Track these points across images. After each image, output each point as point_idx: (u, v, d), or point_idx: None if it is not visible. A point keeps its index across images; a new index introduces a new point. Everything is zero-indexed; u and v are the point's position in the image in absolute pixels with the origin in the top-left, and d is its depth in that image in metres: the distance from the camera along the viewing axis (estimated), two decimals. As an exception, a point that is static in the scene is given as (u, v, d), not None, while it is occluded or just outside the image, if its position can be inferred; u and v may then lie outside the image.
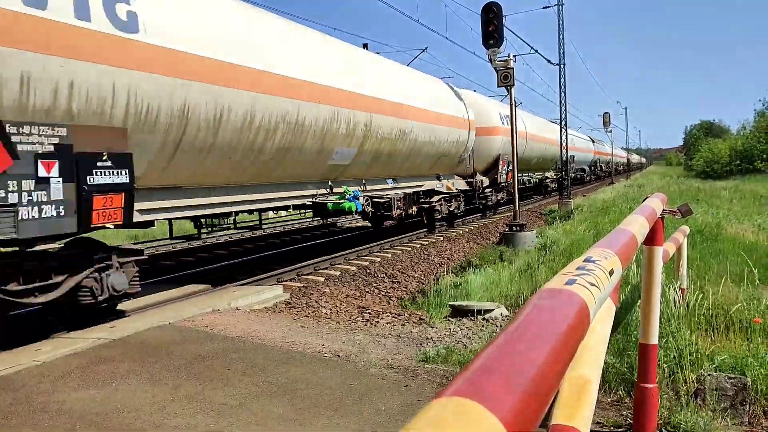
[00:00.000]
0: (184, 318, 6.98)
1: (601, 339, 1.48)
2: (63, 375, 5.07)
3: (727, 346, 5.11)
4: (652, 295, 3.53)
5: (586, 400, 1.25)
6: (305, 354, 5.62)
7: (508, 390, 0.63)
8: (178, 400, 4.47)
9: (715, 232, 12.94)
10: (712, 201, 22.78)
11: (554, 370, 0.76)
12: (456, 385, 0.62)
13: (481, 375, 0.65)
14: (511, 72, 14.84)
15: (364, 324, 7.30)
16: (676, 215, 3.98)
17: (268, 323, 6.95)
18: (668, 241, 5.74)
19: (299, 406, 4.32)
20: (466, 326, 6.97)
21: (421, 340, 6.33)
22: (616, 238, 1.82)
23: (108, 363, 5.36)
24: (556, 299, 1.01)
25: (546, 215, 23.52)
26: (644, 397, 3.61)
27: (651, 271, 3.51)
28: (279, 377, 4.93)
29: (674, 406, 3.93)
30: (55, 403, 4.46)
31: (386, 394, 4.55)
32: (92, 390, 4.71)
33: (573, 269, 1.24)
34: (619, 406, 4.24)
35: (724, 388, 4.09)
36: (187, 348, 5.77)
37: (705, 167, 59.87)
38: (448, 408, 0.57)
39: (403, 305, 9.49)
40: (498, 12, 14.52)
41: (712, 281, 6.99)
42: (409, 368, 5.21)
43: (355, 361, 5.41)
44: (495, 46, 14.56)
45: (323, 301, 8.92)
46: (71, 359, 5.53)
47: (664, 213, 3.70)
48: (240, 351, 5.67)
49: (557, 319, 0.90)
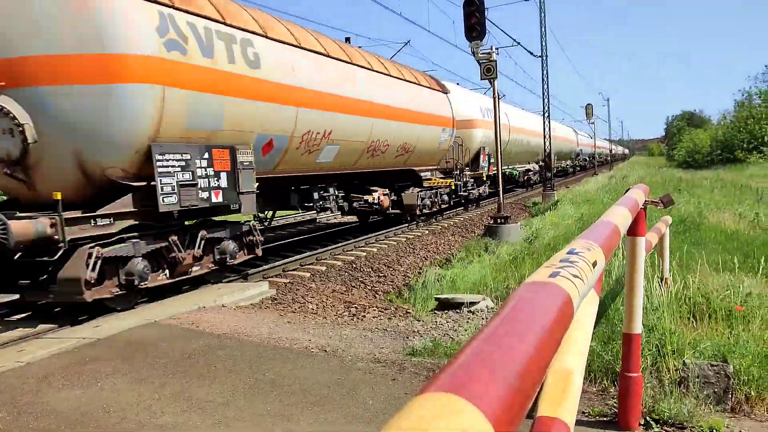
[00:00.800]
0: (169, 316, 6.94)
1: (585, 330, 1.49)
2: (47, 375, 5.02)
3: (709, 334, 5.17)
4: (635, 284, 3.56)
5: (570, 391, 1.26)
6: (292, 350, 5.61)
7: (493, 384, 0.63)
8: (164, 398, 4.44)
9: (697, 222, 13.08)
10: (693, 191, 23.00)
11: (538, 362, 0.76)
12: (440, 380, 0.62)
13: (465, 370, 0.65)
14: (494, 65, 14.85)
15: (350, 319, 7.30)
16: (658, 206, 4.01)
17: (254, 320, 6.93)
18: (651, 232, 5.79)
19: (286, 401, 4.31)
20: (452, 319, 7.00)
21: (408, 333, 6.34)
22: (599, 229, 1.83)
23: (93, 362, 5.32)
24: (540, 292, 1.01)
25: (530, 207, 23.63)
26: (628, 386, 3.65)
27: (634, 262, 3.55)
28: (266, 373, 4.92)
29: (658, 394, 3.97)
30: (39, 404, 4.42)
31: (373, 388, 4.55)
32: (77, 390, 4.67)
33: (556, 262, 1.25)
34: (605, 396, 4.28)
35: (707, 375, 4.14)
36: (173, 346, 5.74)
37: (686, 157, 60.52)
38: (432, 404, 0.57)
39: (389, 299, 9.50)
40: (480, 5, 14.51)
41: (695, 270, 7.07)
42: (396, 362, 5.22)
43: (342, 355, 5.41)
44: (477, 39, 14.56)
45: (309, 296, 8.90)
46: (55, 359, 5.48)
47: (647, 203, 3.73)
48: (226, 348, 5.65)
49: (541, 312, 0.90)
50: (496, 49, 15.08)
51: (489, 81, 15.25)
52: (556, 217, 16.51)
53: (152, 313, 7.18)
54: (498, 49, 15.26)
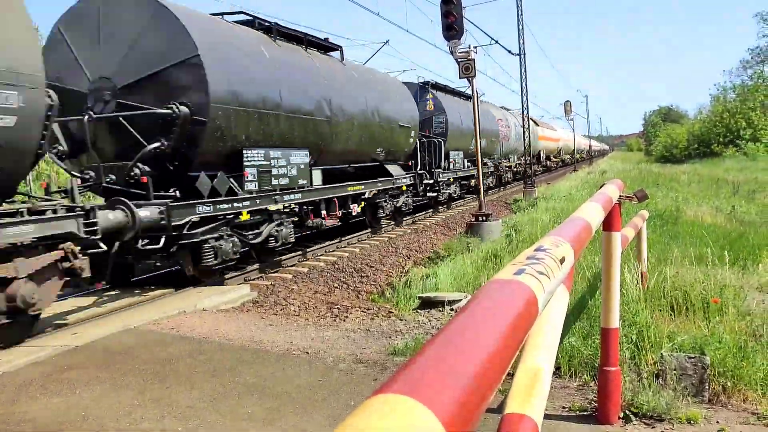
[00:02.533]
0: (149, 321, 6.88)
1: (553, 327, 1.50)
2: (25, 384, 4.95)
3: (687, 326, 5.23)
4: (612, 279, 3.59)
5: (538, 388, 1.27)
6: (273, 352, 5.59)
7: (447, 385, 0.63)
8: (144, 404, 4.40)
9: (675, 216, 13.22)
10: (671, 185, 23.28)
11: (497, 362, 0.77)
12: (393, 381, 0.62)
13: (420, 371, 0.65)
14: (472, 63, 14.89)
15: (333, 320, 7.28)
16: (632, 200, 4.05)
17: (235, 323, 6.89)
18: (627, 226, 5.84)
19: (268, 405, 4.30)
20: (434, 317, 7.02)
21: (391, 333, 6.34)
22: (569, 226, 1.84)
23: (71, 370, 5.26)
24: (503, 290, 1.02)
25: (511, 204, 23.75)
26: (607, 380, 3.69)
27: (610, 256, 3.58)
28: (247, 377, 4.90)
29: (637, 387, 4.01)
30: (17, 413, 4.36)
31: (355, 389, 4.55)
32: (55, 398, 4.61)
33: (523, 259, 1.25)
34: (584, 390, 4.31)
35: (684, 367, 4.19)
36: (153, 351, 5.69)
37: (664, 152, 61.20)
38: (383, 405, 0.57)
39: (372, 299, 9.49)
40: (457, 4, 14.54)
41: (673, 264, 7.15)
42: (378, 362, 5.22)
43: (323, 357, 5.40)
44: (455, 38, 14.59)
45: (291, 298, 8.87)
46: (33, 368, 5.41)
47: (621, 199, 3.76)
48: (207, 352, 5.62)
49: (502, 311, 0.91)
50: (474, 47, 15.13)
51: (467, 79, 15.29)
52: (536, 213, 16.61)
53: (132, 318, 7.11)
54: (476, 47, 15.31)
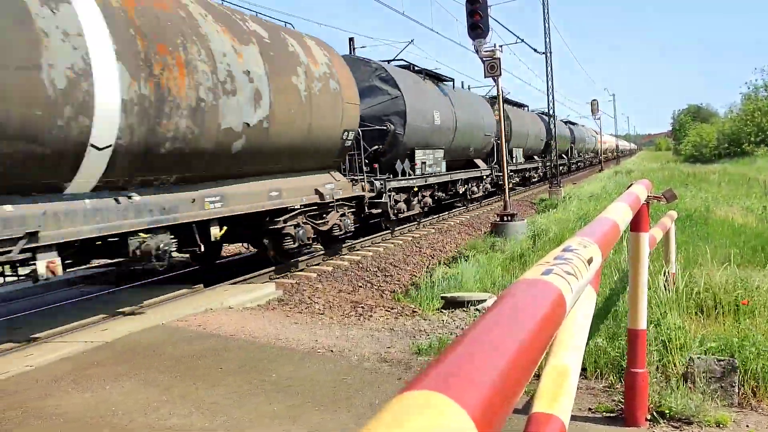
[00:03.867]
0: (176, 318, 6.97)
1: (581, 327, 1.50)
2: (55, 379, 5.06)
3: (716, 329, 5.15)
4: (639, 280, 3.55)
5: (566, 388, 1.26)
6: (298, 350, 5.62)
7: (477, 382, 0.64)
8: (171, 400, 4.47)
9: (704, 216, 13.01)
10: (700, 185, 22.90)
11: (526, 361, 0.77)
12: (423, 378, 0.62)
13: (450, 368, 0.66)
14: (497, 62, 14.82)
15: (357, 318, 7.31)
16: (660, 201, 3.99)
17: (260, 321, 6.95)
18: (655, 227, 5.77)
19: (292, 402, 4.33)
20: (459, 317, 7.00)
21: (415, 332, 6.34)
22: (596, 226, 1.83)
23: (100, 366, 5.35)
24: (532, 290, 1.02)
25: (537, 204, 23.59)
26: (634, 382, 3.65)
27: (637, 257, 3.54)
28: (272, 374, 4.94)
29: (664, 389, 3.96)
30: (48, 407, 4.45)
31: (380, 388, 4.56)
32: (85, 393, 4.70)
33: (551, 259, 1.25)
34: (611, 392, 4.27)
35: (713, 370, 4.12)
36: (180, 348, 5.76)
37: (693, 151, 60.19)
38: (414, 401, 0.58)
39: (396, 299, 9.50)
40: (483, 2, 14.48)
41: (702, 265, 7.04)
42: (403, 361, 5.22)
43: (348, 356, 5.42)
44: (481, 37, 14.53)
45: (316, 297, 8.92)
46: (63, 363, 5.51)
47: (649, 199, 3.72)
48: (233, 349, 5.67)
49: (531, 310, 0.91)
50: (499, 46, 15.06)
51: (492, 78, 15.23)
52: (562, 213, 16.47)
53: (159, 315, 7.21)
54: (501, 46, 15.24)
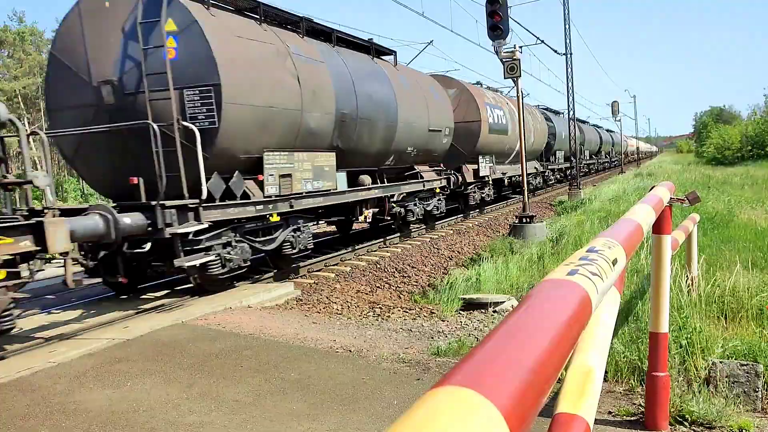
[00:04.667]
0: (196, 316, 7.03)
1: (606, 328, 1.49)
2: (78, 375, 5.13)
3: (739, 333, 5.09)
4: (661, 283, 3.52)
5: (590, 388, 1.26)
6: (317, 350, 5.65)
7: (507, 379, 0.64)
8: (192, 398, 4.51)
9: (727, 219, 12.85)
10: (723, 188, 22.62)
11: (554, 359, 0.77)
12: (454, 374, 0.63)
13: (480, 365, 0.66)
14: (517, 63, 14.76)
15: (375, 319, 7.32)
16: (684, 203, 3.96)
17: (279, 320, 6.98)
18: (677, 229, 5.71)
19: (312, 401, 4.35)
20: (477, 319, 6.98)
21: (433, 333, 6.34)
22: (620, 227, 1.82)
23: (122, 363, 5.42)
24: (558, 290, 1.02)
25: (556, 206, 23.44)
26: (656, 386, 3.62)
27: (659, 260, 3.51)
28: (291, 373, 4.96)
29: (686, 394, 3.92)
30: (71, 403, 4.51)
31: (398, 388, 4.57)
32: (108, 390, 4.76)
33: (575, 259, 1.25)
34: (632, 395, 4.24)
35: (736, 375, 4.08)
36: (200, 346, 5.82)
37: (716, 154, 59.40)
38: (445, 397, 0.59)
39: (414, 299, 9.50)
40: (503, 3, 14.43)
41: (724, 268, 6.95)
42: (421, 362, 5.22)
43: (366, 355, 5.44)
44: (500, 38, 14.48)
45: (334, 297, 8.94)
46: (86, 359, 5.59)
47: (672, 201, 3.69)
48: (252, 348, 5.71)
49: (558, 309, 0.91)
50: (519, 47, 15.00)
51: (512, 80, 15.16)
52: (582, 215, 16.35)
53: (179, 313, 7.28)
54: (521, 47, 15.18)
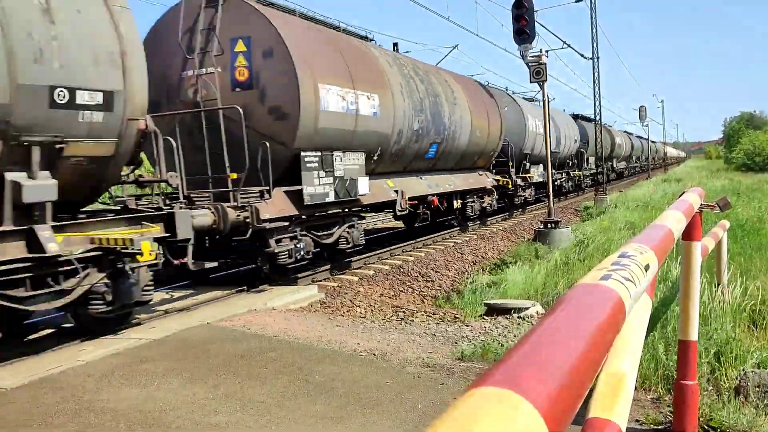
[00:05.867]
0: (221, 318, 7.09)
1: (637, 334, 1.48)
2: (106, 374, 5.20)
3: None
4: (691, 290, 3.47)
5: (622, 394, 1.25)
6: (341, 352, 5.66)
7: (544, 380, 0.64)
8: (217, 398, 4.55)
9: (757, 226, 12.63)
10: (753, 194, 22.22)
11: (589, 362, 0.77)
12: (491, 375, 0.63)
13: (517, 366, 0.66)
14: (543, 67, 14.68)
15: (398, 323, 7.32)
16: (714, 209, 3.90)
17: (304, 322, 7.02)
18: (707, 236, 5.63)
19: (336, 404, 4.36)
20: (502, 324, 6.94)
21: (457, 338, 6.32)
22: (652, 233, 1.80)
23: (148, 362, 5.48)
24: (591, 294, 1.02)
25: (582, 212, 23.21)
26: (684, 395, 3.56)
27: (689, 267, 3.46)
28: (316, 375, 4.98)
29: (715, 403, 3.86)
30: (99, 401, 4.58)
31: (422, 392, 4.56)
32: (135, 389, 4.82)
33: (608, 264, 1.24)
34: (659, 404, 4.18)
35: (767, 384, 4.00)
36: (225, 347, 5.87)
37: (746, 160, 58.33)
38: (484, 397, 0.59)
39: (437, 304, 9.49)
40: (529, 7, 14.38)
41: (755, 276, 6.84)
42: (445, 366, 5.21)
43: (390, 359, 5.44)
44: (527, 42, 14.43)
45: (358, 300, 8.97)
46: (113, 359, 5.67)
47: (702, 207, 3.63)
48: (277, 350, 5.75)
49: (592, 314, 0.91)
50: (545, 51, 14.92)
51: (538, 84, 15.09)
52: (608, 221, 16.18)
53: (205, 314, 7.35)
54: (547, 51, 15.10)
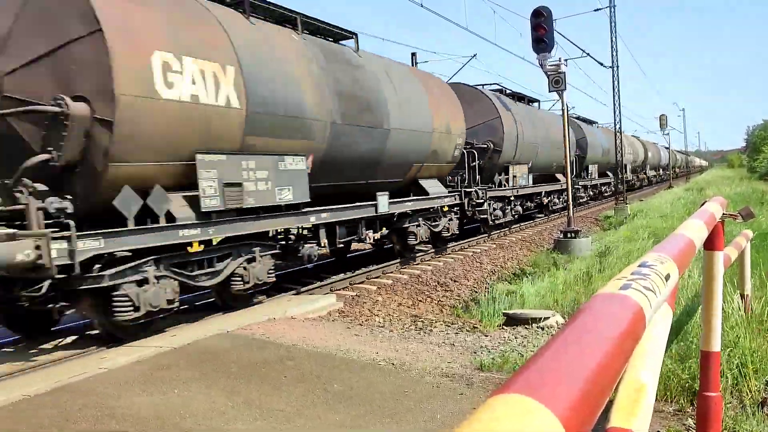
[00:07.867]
0: (240, 326, 7.14)
1: (658, 344, 1.47)
2: (127, 381, 5.26)
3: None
4: (713, 301, 3.43)
5: (643, 404, 1.25)
6: (360, 361, 5.67)
7: (565, 388, 0.65)
8: (236, 406, 4.58)
9: (782, 236, 12.41)
10: (777, 204, 21.88)
11: (610, 371, 0.78)
12: (512, 383, 0.64)
13: (538, 374, 0.67)
14: (562, 76, 14.64)
15: (417, 332, 7.30)
16: (736, 219, 3.85)
17: (322, 331, 7.04)
18: (730, 246, 5.56)
19: (355, 413, 4.37)
20: (521, 334, 6.90)
21: (476, 348, 6.30)
22: (673, 242, 1.80)
23: (169, 370, 5.53)
24: (611, 303, 1.02)
25: (602, 221, 23.04)
26: (707, 406, 3.51)
27: (711, 277, 3.43)
28: (334, 384, 4.99)
29: (739, 415, 3.80)
30: (121, 408, 4.63)
31: (441, 402, 4.55)
32: (155, 396, 4.87)
33: (628, 274, 1.24)
34: (681, 416, 4.13)
35: (792, 397, 3.94)
36: (245, 355, 5.90)
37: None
38: (505, 404, 0.60)
39: (456, 314, 9.45)
40: (548, 16, 14.36)
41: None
42: (464, 376, 5.19)
43: (409, 369, 5.43)
44: (545, 51, 14.40)
45: (376, 309, 8.97)
46: (134, 366, 5.73)
47: (724, 216, 3.60)
48: (295, 358, 5.77)
49: (612, 323, 0.91)
50: (564, 60, 14.88)
51: (557, 93, 15.04)
52: (629, 231, 16.04)
53: (224, 323, 7.40)
54: (566, 60, 15.05)
